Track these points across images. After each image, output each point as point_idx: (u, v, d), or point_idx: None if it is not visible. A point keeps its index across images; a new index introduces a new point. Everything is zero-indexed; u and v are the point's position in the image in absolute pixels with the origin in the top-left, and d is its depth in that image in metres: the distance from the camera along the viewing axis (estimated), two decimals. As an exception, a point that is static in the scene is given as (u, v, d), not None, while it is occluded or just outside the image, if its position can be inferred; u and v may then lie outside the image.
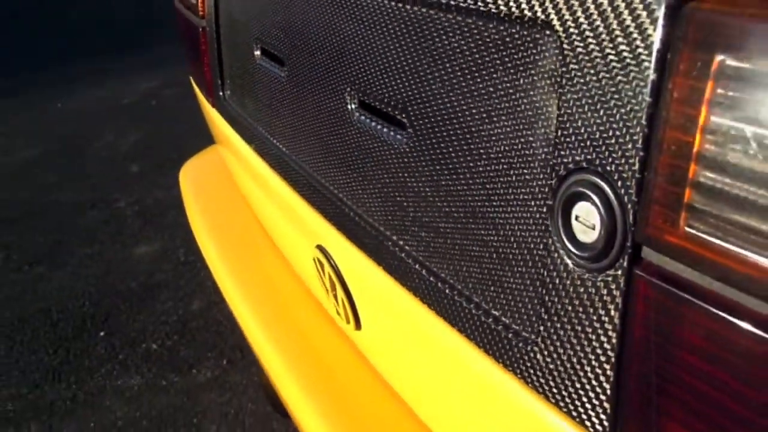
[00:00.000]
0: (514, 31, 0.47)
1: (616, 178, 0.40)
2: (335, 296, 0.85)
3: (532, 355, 0.50)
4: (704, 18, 0.34)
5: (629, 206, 0.40)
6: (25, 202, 3.36)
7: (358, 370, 0.96)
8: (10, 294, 2.61)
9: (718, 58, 0.34)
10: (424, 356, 0.70)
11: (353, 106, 0.71)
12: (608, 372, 0.43)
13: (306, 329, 1.06)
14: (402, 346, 0.77)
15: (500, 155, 0.50)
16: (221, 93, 1.13)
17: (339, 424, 0.88)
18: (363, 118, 0.69)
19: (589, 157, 0.42)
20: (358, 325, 0.84)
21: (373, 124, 0.68)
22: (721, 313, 0.35)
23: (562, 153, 0.44)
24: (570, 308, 0.45)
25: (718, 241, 0.35)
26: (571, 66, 0.42)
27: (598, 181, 0.41)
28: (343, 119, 0.73)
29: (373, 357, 0.89)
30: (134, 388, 2.07)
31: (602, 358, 0.44)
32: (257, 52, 0.96)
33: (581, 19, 0.42)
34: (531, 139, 0.47)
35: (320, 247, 0.85)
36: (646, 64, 0.38)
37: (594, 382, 0.45)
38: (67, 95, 4.92)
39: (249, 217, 1.41)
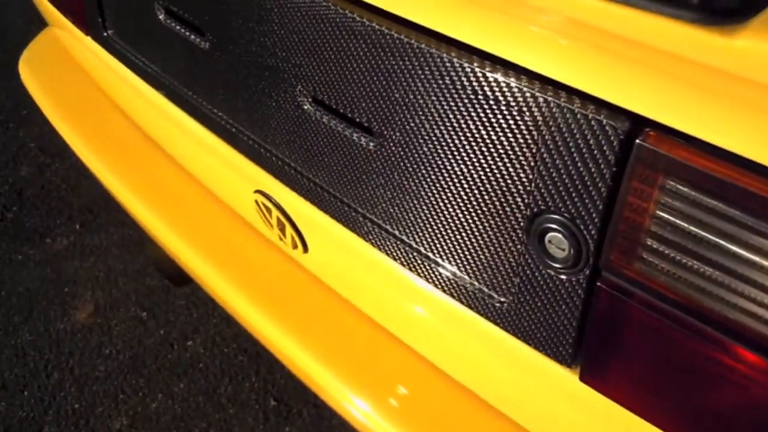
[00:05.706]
0: (503, 107, 0.63)
1: (581, 225, 0.61)
2: (282, 231, 0.99)
3: (506, 311, 0.73)
4: (650, 151, 0.54)
5: (591, 244, 0.61)
6: None
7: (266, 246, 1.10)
8: None
9: (661, 177, 0.55)
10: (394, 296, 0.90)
11: (308, 105, 0.81)
12: (573, 324, 0.67)
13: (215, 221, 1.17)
14: (355, 271, 0.95)
15: (484, 180, 0.68)
16: (104, 32, 1.11)
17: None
18: (321, 115, 0.81)
19: (560, 205, 0.62)
20: (305, 250, 1.00)
21: (334, 123, 0.80)
22: (647, 311, 0.60)
23: (536, 197, 0.64)
24: (540, 287, 0.68)
25: (655, 277, 0.58)
26: (547, 140, 0.61)
27: (568, 223, 0.62)
28: (295, 113, 0.83)
29: (319, 273, 1.04)
30: (-10, 268, 2.07)
31: (566, 319, 0.68)
32: (161, 16, 0.96)
33: (558, 118, 0.59)
34: (510, 180, 0.66)
35: (262, 192, 0.97)
36: (608, 163, 0.57)
37: (560, 333, 0.69)
38: None
39: (108, 104, 1.42)
